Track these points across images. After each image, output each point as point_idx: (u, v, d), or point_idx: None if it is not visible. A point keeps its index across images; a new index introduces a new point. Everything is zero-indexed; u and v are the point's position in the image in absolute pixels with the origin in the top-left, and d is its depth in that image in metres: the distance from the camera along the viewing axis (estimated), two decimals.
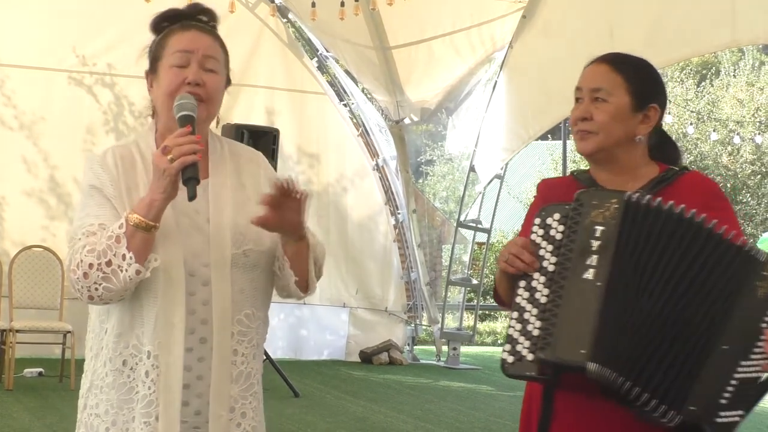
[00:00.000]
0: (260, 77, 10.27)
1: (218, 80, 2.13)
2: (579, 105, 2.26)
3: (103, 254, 1.96)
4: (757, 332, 1.99)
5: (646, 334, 1.98)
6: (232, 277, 2.06)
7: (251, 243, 2.09)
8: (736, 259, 2.01)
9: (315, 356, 10.63)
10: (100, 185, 2.06)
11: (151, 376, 2.02)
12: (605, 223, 2.02)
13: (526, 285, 2.07)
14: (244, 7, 9.98)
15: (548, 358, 1.98)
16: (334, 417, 7.09)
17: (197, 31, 2.13)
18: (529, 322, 2.04)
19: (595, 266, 1.99)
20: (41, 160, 9.48)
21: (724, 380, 1.98)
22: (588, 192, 2.10)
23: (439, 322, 11.25)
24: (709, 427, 1.97)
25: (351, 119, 10.84)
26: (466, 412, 7.64)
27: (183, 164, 1.94)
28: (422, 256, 11.22)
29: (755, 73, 23.84)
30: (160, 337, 2.02)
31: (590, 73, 2.28)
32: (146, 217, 1.95)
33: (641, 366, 1.97)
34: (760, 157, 22.65)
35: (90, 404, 2.11)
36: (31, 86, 9.40)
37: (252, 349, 2.12)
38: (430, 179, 25.96)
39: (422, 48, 10.32)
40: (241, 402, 2.10)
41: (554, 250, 2.06)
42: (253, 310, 2.13)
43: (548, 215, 2.10)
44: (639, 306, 1.99)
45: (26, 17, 9.25)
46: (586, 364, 1.95)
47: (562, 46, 8.58)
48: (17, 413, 6.56)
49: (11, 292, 8.00)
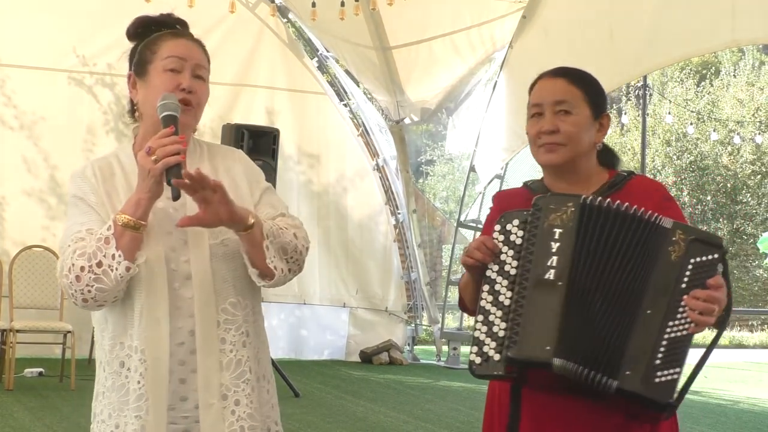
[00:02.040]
0: (260, 77, 10.29)
1: (205, 87, 2.22)
2: (541, 119, 2.32)
3: (93, 256, 2.02)
4: (678, 293, 2.08)
5: (603, 325, 2.08)
6: (212, 267, 2.11)
7: (229, 233, 2.12)
8: (649, 231, 2.12)
9: (315, 356, 10.63)
10: (82, 195, 2.14)
11: (140, 370, 2.06)
12: (563, 226, 2.13)
13: (489, 289, 2.17)
14: (244, 7, 9.98)
15: (516, 356, 2.07)
16: (334, 417, 7.09)
17: (188, 40, 2.22)
18: (494, 324, 2.14)
19: (556, 267, 2.10)
20: (41, 160, 9.49)
21: (653, 341, 2.06)
22: (545, 197, 2.19)
23: (439, 322, 11.26)
24: (646, 389, 2.03)
25: (351, 119, 10.85)
26: (466, 412, 7.64)
27: (166, 165, 1.99)
28: (422, 256, 11.23)
29: (755, 73, 23.85)
30: (147, 332, 2.06)
31: (549, 87, 2.34)
32: (134, 216, 2.01)
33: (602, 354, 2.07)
34: (760, 157, 22.66)
35: (97, 412, 2.18)
36: (31, 86, 9.41)
37: (241, 336, 2.14)
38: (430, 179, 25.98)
39: (422, 48, 10.33)
40: (234, 389, 2.12)
41: (515, 254, 2.16)
42: (239, 299, 2.15)
43: (507, 221, 2.20)
44: (595, 301, 2.09)
45: (27, 17, 9.26)
46: (552, 360, 2.05)
47: (562, 46, 8.58)
48: (17, 413, 6.56)
49: (11, 292, 8.01)
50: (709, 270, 2.07)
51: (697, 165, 22.70)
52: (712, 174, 22.82)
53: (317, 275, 10.46)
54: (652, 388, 2.04)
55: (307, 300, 10.50)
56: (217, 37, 9.60)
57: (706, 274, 2.07)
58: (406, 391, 8.74)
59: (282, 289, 9.39)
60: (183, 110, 2.11)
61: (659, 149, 22.87)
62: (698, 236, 2.11)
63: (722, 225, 22.83)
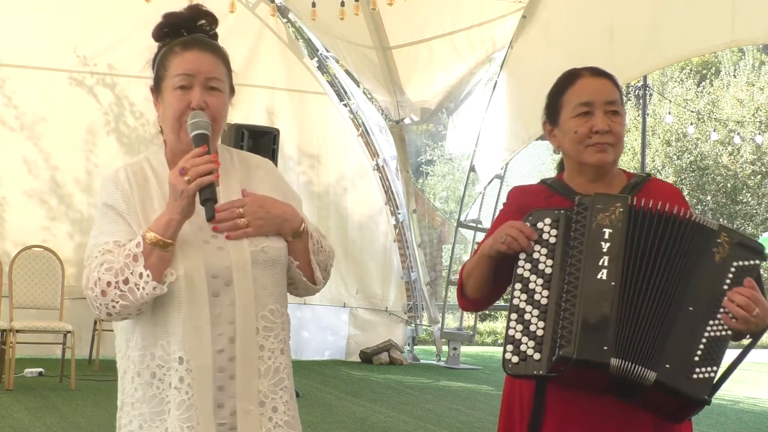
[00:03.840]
0: (260, 77, 10.29)
1: (222, 98, 2.16)
2: (592, 118, 2.29)
3: (120, 272, 1.99)
4: (720, 294, 2.11)
5: (652, 323, 2.10)
6: (253, 274, 2.08)
7: (267, 240, 2.11)
8: (695, 232, 2.15)
9: (316, 357, 10.63)
10: (113, 202, 2.09)
11: (187, 380, 2.03)
12: (612, 226, 2.12)
13: (522, 287, 2.15)
14: (244, 7, 9.99)
15: (572, 356, 2.04)
16: (334, 417, 7.09)
17: (198, 50, 2.14)
18: (530, 323, 2.11)
19: (608, 267, 2.09)
20: (42, 160, 9.49)
21: (694, 339, 2.09)
22: (590, 197, 2.18)
23: (439, 322, 11.26)
24: (684, 384, 2.06)
25: (351, 119, 10.85)
26: (466, 412, 7.64)
27: (200, 185, 1.97)
28: (422, 256, 11.23)
29: (755, 73, 23.85)
30: (190, 342, 2.03)
31: (598, 86, 2.33)
32: (164, 236, 1.98)
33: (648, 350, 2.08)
34: (760, 157, 22.66)
35: (123, 423, 2.13)
36: (32, 87, 9.41)
37: (279, 344, 2.13)
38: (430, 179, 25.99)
39: (422, 48, 10.33)
40: (272, 396, 2.11)
41: (548, 252, 2.14)
42: (277, 306, 2.13)
43: (538, 219, 2.18)
44: (645, 301, 2.10)
45: (27, 18, 9.26)
46: (610, 360, 2.04)
47: (562, 46, 8.58)
48: (17, 413, 6.56)
49: (11, 292, 8.00)
50: (750, 274, 2.12)
51: (697, 165, 22.70)
52: (712, 174, 22.82)
53: None
54: (689, 384, 2.06)
55: (308, 300, 10.49)
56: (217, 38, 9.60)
57: (747, 277, 2.11)
58: (406, 391, 8.74)
59: None
60: None
61: (659, 149, 22.87)
62: (742, 240, 2.15)
63: None
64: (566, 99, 2.33)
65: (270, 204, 2.11)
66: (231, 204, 2.07)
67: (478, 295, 2.33)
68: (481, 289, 2.31)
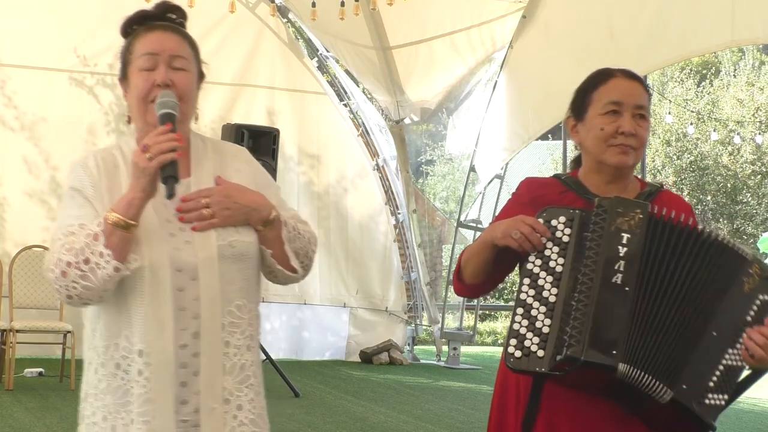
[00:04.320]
0: (260, 77, 10.29)
1: (188, 78, 2.11)
2: (619, 119, 2.29)
3: (80, 252, 1.95)
4: (742, 324, 2.11)
5: (666, 335, 2.09)
6: (220, 268, 2.04)
7: (236, 234, 2.07)
8: (728, 256, 2.14)
9: (317, 357, 10.63)
10: (81, 187, 2.06)
11: (145, 374, 2.00)
12: (631, 231, 2.10)
13: (531, 282, 2.14)
14: (244, 7, 9.98)
15: (579, 357, 2.03)
16: (334, 417, 7.09)
17: (161, 31, 2.12)
18: (536, 319, 2.10)
19: (623, 271, 2.07)
20: (42, 161, 9.49)
21: (712, 364, 2.09)
22: (610, 199, 2.17)
23: (439, 322, 11.26)
24: (698, 407, 2.06)
25: (351, 119, 10.85)
26: (466, 412, 7.64)
27: (161, 162, 1.93)
28: (422, 256, 11.23)
29: (755, 73, 23.83)
30: (151, 335, 2.00)
31: (630, 88, 2.32)
32: (125, 216, 1.94)
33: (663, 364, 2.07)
34: (760, 157, 22.64)
35: (87, 414, 2.09)
36: (32, 87, 9.41)
37: (245, 340, 2.09)
38: (430, 179, 25.97)
39: (422, 48, 10.33)
40: (237, 394, 2.07)
41: (560, 251, 2.13)
42: (244, 302, 2.09)
43: (552, 217, 2.17)
44: (660, 311, 2.09)
45: (27, 18, 9.26)
46: (618, 364, 2.03)
47: (562, 46, 8.58)
48: (17, 413, 6.56)
49: (11, 292, 8.00)
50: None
51: (697, 165, 22.68)
52: (712, 174, 22.79)
53: (318, 275, 10.45)
54: (701, 408, 2.06)
55: (308, 300, 10.49)
56: (217, 37, 9.61)
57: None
58: (406, 391, 8.73)
59: (282, 289, 9.42)
60: None
61: (659, 149, 22.85)
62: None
63: (722, 225, 22.82)
64: (596, 96, 2.31)
65: (238, 193, 2.07)
66: (197, 194, 2.04)
67: (476, 280, 2.32)
68: (479, 275, 2.30)
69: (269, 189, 2.19)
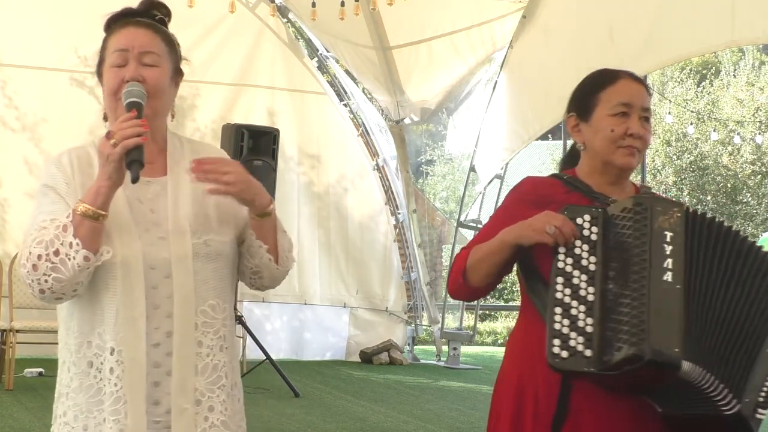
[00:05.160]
0: (260, 77, 10.28)
1: (159, 73, 2.09)
2: (628, 121, 2.29)
3: (50, 244, 1.93)
4: None
5: (720, 334, 2.09)
6: (194, 267, 2.03)
7: (212, 233, 2.07)
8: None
9: (317, 357, 10.63)
10: (54, 184, 2.05)
11: (117, 372, 1.98)
12: (672, 230, 2.10)
13: (565, 281, 2.11)
14: (244, 7, 9.98)
15: (641, 354, 2.00)
16: (334, 417, 7.09)
17: (134, 27, 2.11)
18: (578, 319, 2.08)
19: (672, 270, 2.07)
20: (43, 161, 9.48)
21: (765, 379, 2.10)
22: (649, 198, 2.17)
23: (439, 322, 11.26)
24: (753, 422, 2.08)
25: (351, 119, 10.85)
26: (466, 412, 7.64)
27: (125, 148, 1.91)
28: (422, 256, 11.23)
29: (755, 73, 23.83)
30: (122, 332, 1.98)
31: (639, 91, 2.33)
32: (93, 205, 1.92)
33: (720, 364, 2.07)
34: (760, 157, 22.64)
35: (59, 413, 2.09)
36: (32, 87, 9.41)
37: (218, 341, 2.07)
38: (431, 179, 25.98)
39: (422, 48, 10.33)
40: (208, 395, 2.04)
41: (590, 249, 2.12)
42: (218, 301, 2.08)
43: (576, 215, 2.15)
44: (710, 308, 2.09)
45: (27, 18, 9.26)
46: (682, 362, 2.02)
47: (562, 46, 8.58)
48: (17, 413, 6.56)
49: (11, 292, 8.01)
50: None
51: (697, 165, 22.67)
52: (712, 174, 22.79)
53: (318, 275, 10.46)
54: (754, 422, 2.09)
55: (308, 300, 10.50)
56: (217, 37, 9.61)
57: None
58: (406, 391, 8.74)
59: (283, 290, 9.43)
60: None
61: (659, 149, 22.85)
62: None
63: None
64: (605, 96, 2.31)
65: (249, 174, 2.07)
66: (218, 160, 2.03)
67: (483, 283, 2.29)
68: (492, 276, 2.27)
69: None
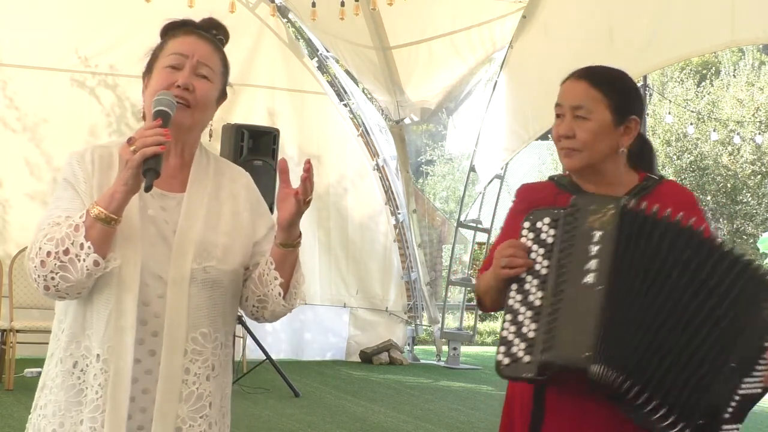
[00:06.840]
0: (260, 77, 10.28)
1: (209, 88, 2.10)
2: (560, 122, 2.29)
3: (61, 242, 1.92)
4: (760, 350, 2.05)
5: (650, 338, 2.01)
6: (189, 292, 2.01)
7: (215, 260, 2.04)
8: (745, 277, 2.05)
9: (317, 357, 10.63)
10: (74, 180, 2.05)
11: (99, 380, 1.97)
12: (602, 229, 2.03)
13: (518, 288, 2.09)
14: (244, 7, 9.99)
15: (552, 360, 1.98)
16: (334, 417, 7.10)
17: (197, 37, 2.12)
18: (523, 324, 2.05)
19: (595, 270, 2.00)
20: (44, 162, 9.48)
21: (729, 395, 2.03)
22: (585, 197, 2.13)
23: (439, 322, 11.26)
24: None
25: (351, 119, 10.85)
26: (466, 412, 7.64)
27: (144, 156, 1.90)
28: (422, 256, 11.23)
29: (755, 73, 23.83)
30: (111, 341, 1.97)
31: (569, 89, 2.30)
32: (107, 209, 1.91)
33: (648, 370, 2.00)
34: (760, 157, 22.64)
35: (40, 405, 2.07)
36: (33, 88, 9.39)
37: (206, 370, 2.05)
38: (431, 179, 25.99)
39: (422, 48, 10.33)
40: (190, 423, 2.02)
41: (545, 253, 2.08)
42: (210, 330, 2.06)
43: (537, 219, 2.13)
44: (639, 310, 2.01)
45: (28, 18, 9.25)
46: (590, 366, 1.96)
47: (562, 46, 8.58)
48: (17, 413, 6.57)
49: (11, 292, 8.01)
50: None
51: (697, 165, 22.67)
52: (712, 174, 22.79)
53: (318, 275, 10.45)
54: None
55: (308, 300, 10.49)
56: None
57: None
58: (406, 391, 8.74)
59: None
60: (177, 108, 2.02)
61: (659, 149, 22.83)
62: None
63: (722, 225, 22.82)
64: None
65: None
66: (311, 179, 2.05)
67: (498, 307, 2.27)
68: (501, 302, 2.23)
69: (262, 219, 2.17)
